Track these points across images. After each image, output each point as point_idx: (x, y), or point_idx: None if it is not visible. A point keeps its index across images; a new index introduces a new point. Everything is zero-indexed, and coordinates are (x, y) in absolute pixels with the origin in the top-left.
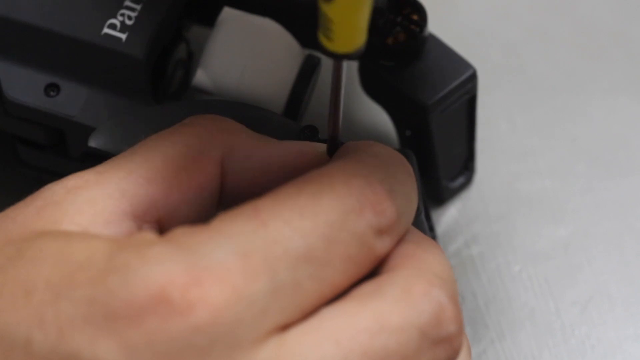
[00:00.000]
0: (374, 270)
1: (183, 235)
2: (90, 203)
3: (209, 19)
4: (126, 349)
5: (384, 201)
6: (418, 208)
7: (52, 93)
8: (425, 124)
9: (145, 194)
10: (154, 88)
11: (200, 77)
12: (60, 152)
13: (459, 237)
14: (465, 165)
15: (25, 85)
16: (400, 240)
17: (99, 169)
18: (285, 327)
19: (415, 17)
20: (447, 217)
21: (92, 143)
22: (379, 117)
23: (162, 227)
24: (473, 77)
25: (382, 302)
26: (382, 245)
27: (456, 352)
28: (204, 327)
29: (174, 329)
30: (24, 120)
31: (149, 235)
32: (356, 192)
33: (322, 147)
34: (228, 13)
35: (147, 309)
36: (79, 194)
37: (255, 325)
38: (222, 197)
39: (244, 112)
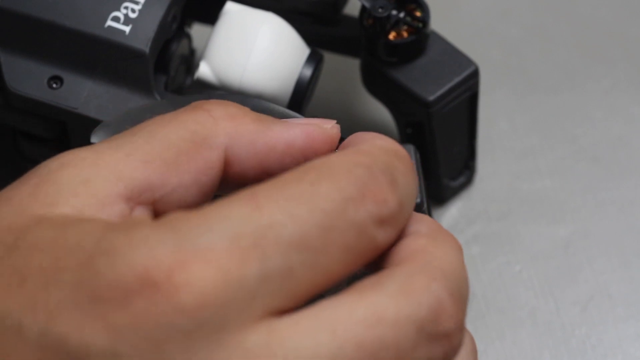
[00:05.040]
0: (381, 265)
1: (175, 218)
2: (85, 184)
3: (211, 18)
4: (112, 332)
5: (386, 191)
6: (422, 204)
7: (55, 85)
8: (426, 121)
9: (141, 176)
10: (156, 82)
11: (204, 70)
12: (62, 145)
13: (459, 236)
14: (466, 165)
15: (28, 77)
16: (413, 234)
17: (97, 147)
18: (278, 314)
19: (418, 13)
20: (448, 216)
21: (95, 140)
22: (380, 115)
23: (158, 210)
24: (475, 74)
25: (381, 295)
26: (383, 235)
27: (454, 350)
28: (189, 310)
29: (159, 311)
30: (26, 113)
31: (141, 218)
32: (358, 181)
33: (327, 122)
34: (231, 7)
35: (132, 292)
36: (75, 173)
37: (243, 309)
38: (228, 183)
39: (247, 104)
